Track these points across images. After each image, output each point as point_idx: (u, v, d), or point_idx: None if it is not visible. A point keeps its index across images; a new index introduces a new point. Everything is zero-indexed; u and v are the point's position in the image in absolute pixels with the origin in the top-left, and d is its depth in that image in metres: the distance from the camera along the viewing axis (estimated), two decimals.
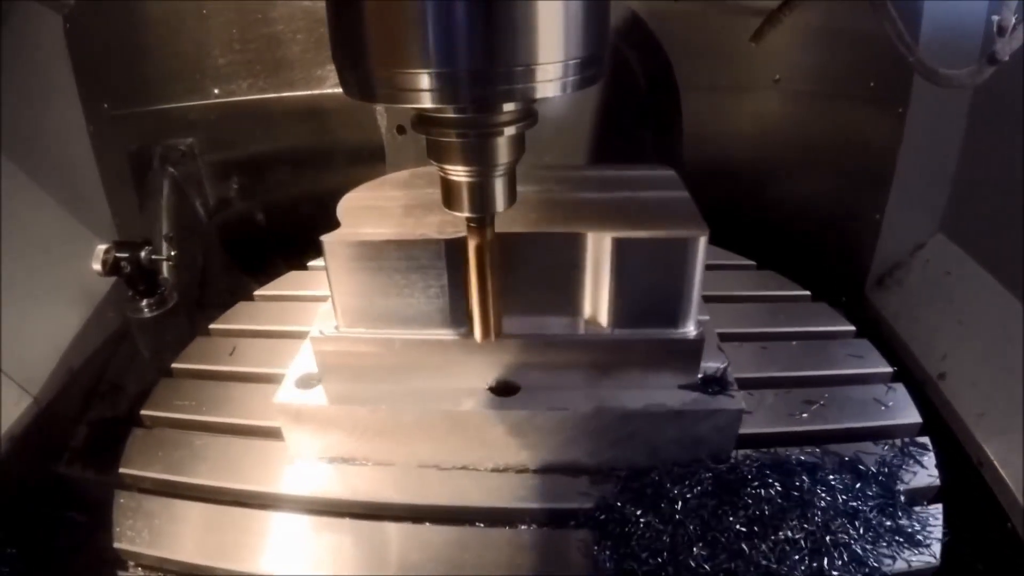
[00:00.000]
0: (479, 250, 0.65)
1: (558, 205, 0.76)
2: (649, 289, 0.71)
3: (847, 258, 1.57)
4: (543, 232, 0.70)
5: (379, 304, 0.73)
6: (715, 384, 0.76)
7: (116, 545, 0.77)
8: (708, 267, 1.15)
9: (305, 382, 0.79)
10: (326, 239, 0.71)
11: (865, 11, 1.21)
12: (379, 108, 1.44)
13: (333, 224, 0.75)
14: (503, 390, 0.76)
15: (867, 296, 1.58)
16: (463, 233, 0.69)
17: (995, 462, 1.07)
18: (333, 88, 1.48)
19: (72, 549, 1.00)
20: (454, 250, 0.69)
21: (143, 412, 0.92)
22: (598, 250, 0.70)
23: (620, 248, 0.69)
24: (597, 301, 0.73)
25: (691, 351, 0.74)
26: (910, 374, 1.35)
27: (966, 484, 1.08)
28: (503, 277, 0.69)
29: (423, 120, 0.58)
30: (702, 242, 0.69)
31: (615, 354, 0.74)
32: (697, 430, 0.75)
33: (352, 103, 1.70)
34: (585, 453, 0.75)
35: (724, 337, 0.96)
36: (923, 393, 1.31)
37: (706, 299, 1.04)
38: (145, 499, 0.81)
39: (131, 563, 0.77)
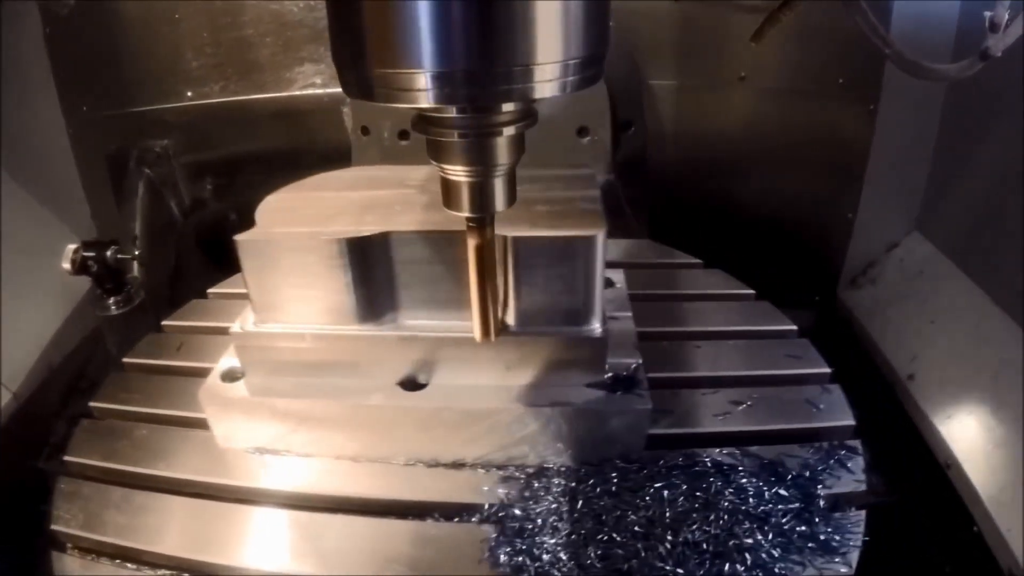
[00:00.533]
0: (479, 250, 0.65)
1: None
2: (550, 288, 0.72)
3: (820, 257, 1.55)
4: (443, 231, 0.71)
5: (289, 300, 0.75)
6: (624, 383, 0.76)
7: (52, 527, 0.80)
8: (654, 266, 1.17)
9: (230, 375, 0.82)
10: (239, 238, 0.73)
11: (834, 6, 1.19)
12: (345, 109, 1.47)
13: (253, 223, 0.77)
14: (412, 385, 0.77)
15: (840, 296, 1.55)
16: (365, 232, 0.71)
17: (962, 465, 1.05)
18: (302, 90, 1.51)
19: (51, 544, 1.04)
20: (356, 248, 0.71)
21: (92, 404, 0.96)
22: (500, 249, 0.71)
23: (518, 247, 0.69)
24: (502, 299, 0.74)
25: (596, 349, 0.74)
26: (880, 375, 1.33)
27: (934, 486, 1.06)
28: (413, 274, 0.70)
29: (423, 120, 0.58)
30: (600, 240, 0.69)
31: (520, 352, 0.75)
32: (604, 429, 0.75)
33: (321, 105, 1.72)
34: (492, 449, 0.76)
35: (657, 336, 0.96)
36: (893, 394, 1.28)
37: (646, 297, 1.04)
38: (84, 485, 0.85)
39: (68, 545, 0.81)
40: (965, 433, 1.11)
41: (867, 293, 1.51)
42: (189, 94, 1.47)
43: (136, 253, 1.26)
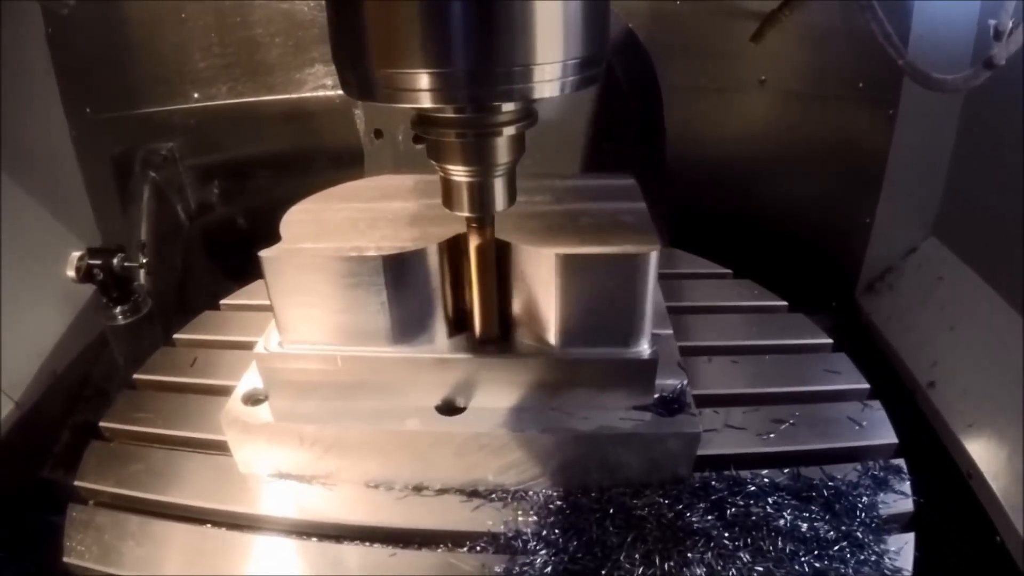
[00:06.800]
0: (480, 250, 0.65)
1: (507, 216, 0.73)
2: (598, 307, 0.68)
3: (838, 262, 1.53)
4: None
5: (320, 320, 0.71)
6: (671, 404, 0.73)
7: (65, 559, 0.76)
8: (682, 276, 1.14)
9: (252, 398, 0.78)
10: (264, 254, 0.69)
11: (853, 10, 1.17)
12: (357, 111, 1.43)
13: (276, 237, 0.73)
14: (449, 409, 0.74)
15: (858, 301, 1.54)
16: (403, 248, 0.68)
17: (984, 474, 1.04)
18: (312, 92, 1.46)
19: (56, 554, 1.01)
20: (393, 266, 0.67)
21: (102, 424, 0.91)
22: (544, 266, 0.67)
23: (565, 264, 0.66)
24: (545, 319, 0.71)
25: (644, 371, 0.71)
26: (900, 382, 1.32)
27: (955, 496, 1.04)
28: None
29: (423, 120, 0.58)
30: (653, 257, 0.66)
31: (564, 374, 0.71)
32: (651, 452, 0.72)
33: (331, 106, 1.68)
34: (534, 475, 0.73)
35: (694, 350, 0.94)
36: (913, 402, 1.27)
37: (678, 309, 1.02)
38: (97, 513, 0.81)
39: None
40: (987, 441, 1.10)
41: (885, 299, 1.50)
42: (196, 95, 1.43)
43: (144, 261, 1.21)
